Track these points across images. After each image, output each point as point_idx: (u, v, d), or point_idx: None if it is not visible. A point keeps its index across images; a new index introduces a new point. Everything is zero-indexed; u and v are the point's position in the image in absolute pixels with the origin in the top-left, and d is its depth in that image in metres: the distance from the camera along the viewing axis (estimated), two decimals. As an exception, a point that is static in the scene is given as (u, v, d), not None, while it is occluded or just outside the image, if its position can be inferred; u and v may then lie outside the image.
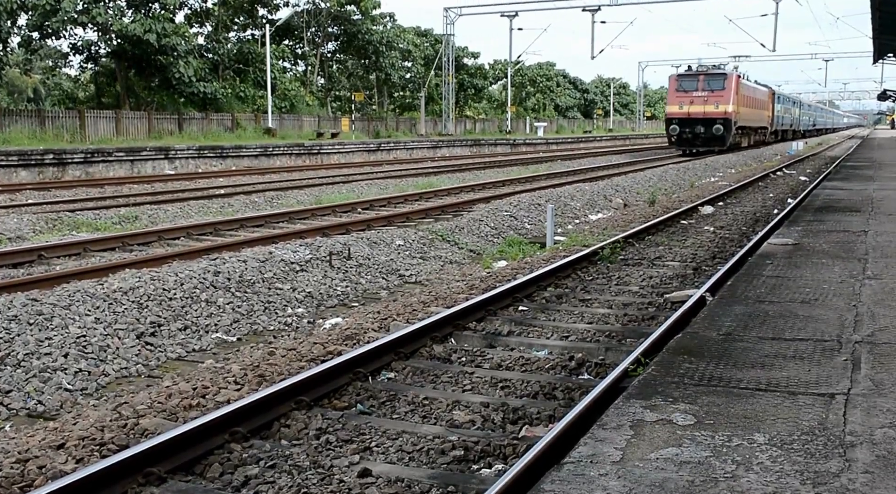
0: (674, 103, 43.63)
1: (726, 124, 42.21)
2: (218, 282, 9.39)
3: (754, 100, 49.38)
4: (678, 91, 43.31)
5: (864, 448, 3.76)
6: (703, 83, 42.53)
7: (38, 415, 6.19)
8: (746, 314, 6.38)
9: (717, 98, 42.25)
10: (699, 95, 42.47)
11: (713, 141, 42.60)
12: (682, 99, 42.88)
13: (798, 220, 12.44)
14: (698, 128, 42.50)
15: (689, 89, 42.81)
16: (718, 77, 42.68)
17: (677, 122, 43.08)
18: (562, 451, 4.21)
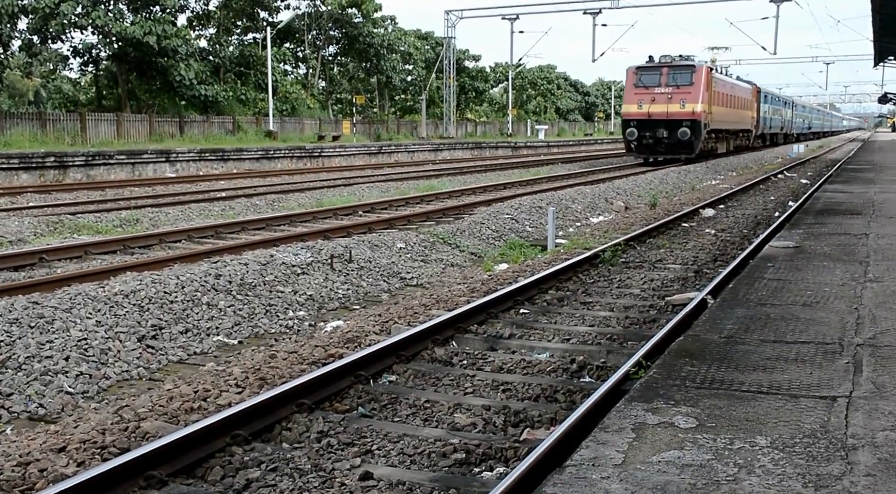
0: (631, 102, 36.77)
1: (694, 127, 35.24)
2: (219, 285, 9.39)
3: (733, 98, 42.56)
4: (637, 87, 36.40)
5: (866, 451, 3.76)
6: (667, 77, 35.75)
7: (39, 418, 6.19)
8: (748, 316, 6.37)
9: (683, 95, 35.35)
10: (662, 92, 35.68)
11: (679, 147, 35.75)
12: (641, 96, 36.07)
13: (799, 223, 12.43)
14: (660, 131, 35.62)
15: (649, 85, 35.98)
16: (685, 70, 35.81)
17: (635, 124, 36.28)
18: (563, 454, 4.20)
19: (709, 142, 38.18)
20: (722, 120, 39.90)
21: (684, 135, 35.09)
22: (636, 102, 36.10)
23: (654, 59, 36.96)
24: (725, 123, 41.14)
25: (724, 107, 40.10)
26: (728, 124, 42.05)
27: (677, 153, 35.98)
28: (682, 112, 35.29)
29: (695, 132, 35.26)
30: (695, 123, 35.26)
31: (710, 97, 36.66)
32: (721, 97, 39.35)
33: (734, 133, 45.00)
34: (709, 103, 36.32)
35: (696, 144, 35.59)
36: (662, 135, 35.68)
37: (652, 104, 35.64)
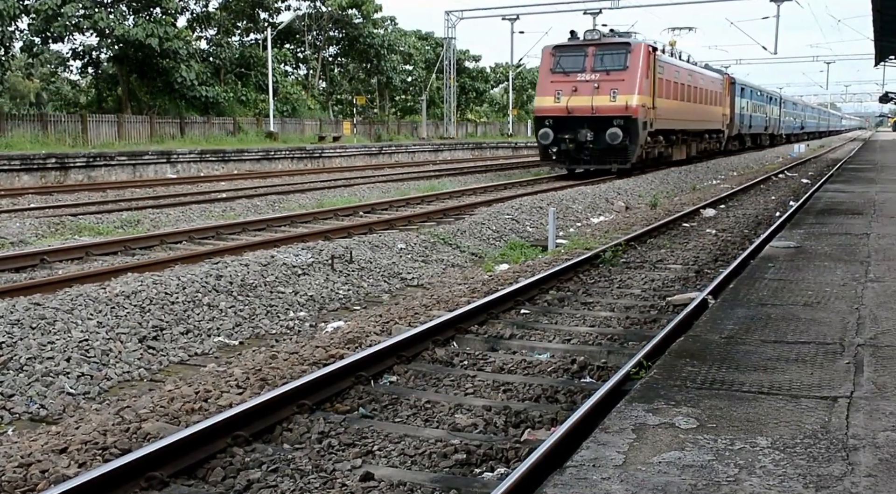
0: (547, 93, 27.29)
1: (629, 127, 26.25)
2: (220, 286, 9.40)
3: (692, 90, 33.79)
4: (555, 72, 27.19)
5: (867, 452, 3.76)
6: (594, 60, 26.84)
7: (40, 419, 6.19)
8: (749, 317, 6.37)
9: (614, 84, 26.43)
10: (587, 80, 26.69)
11: (608, 155, 26.81)
12: (559, 85, 27.00)
13: (800, 223, 12.43)
14: (583, 133, 26.58)
15: (571, 70, 26.90)
16: (617, 50, 26.90)
17: (551, 123, 27.06)
18: (564, 455, 4.21)
19: (655, 147, 29.36)
20: (675, 118, 31.05)
21: (614, 137, 25.98)
22: (553, 92, 27.04)
23: (577, 35, 27.99)
24: (681, 121, 32.27)
25: (679, 100, 31.49)
26: (686, 123, 33.19)
27: (606, 162, 27.03)
28: (613, 106, 26.25)
29: (630, 134, 26.29)
30: (629, 121, 26.21)
31: (654, 87, 27.84)
32: (673, 88, 30.59)
33: (697, 135, 36.24)
34: (651, 95, 27.51)
35: (633, 149, 26.59)
36: (586, 138, 26.58)
37: (573, 96, 26.57)
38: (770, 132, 58.96)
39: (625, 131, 26.19)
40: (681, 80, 32.00)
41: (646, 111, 27.09)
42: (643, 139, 27.21)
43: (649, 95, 27.43)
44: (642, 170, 28.93)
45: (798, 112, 78.27)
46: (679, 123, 32.01)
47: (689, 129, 34.13)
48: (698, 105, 35.22)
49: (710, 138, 39.20)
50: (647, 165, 29.64)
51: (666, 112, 29.63)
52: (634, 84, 26.37)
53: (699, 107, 35.49)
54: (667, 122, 29.93)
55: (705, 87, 36.53)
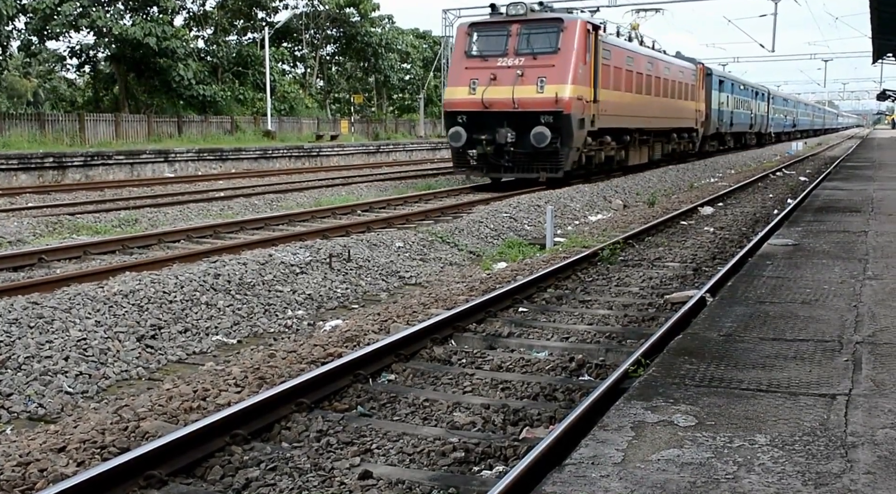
0: (460, 82, 22.15)
1: (559, 126, 21.00)
2: (218, 285, 9.39)
3: (653, 80, 28.41)
4: (471, 57, 22.16)
5: (866, 449, 3.76)
6: (518, 41, 21.67)
7: (38, 418, 6.18)
8: (747, 314, 6.37)
9: (542, 70, 21.20)
10: (508, 66, 21.55)
11: (535, 160, 21.62)
12: (475, 72, 21.83)
13: (798, 220, 12.44)
14: (503, 132, 21.36)
15: (490, 53, 21.85)
16: (547, 27, 21.71)
17: (464, 119, 21.93)
18: (563, 453, 4.21)
19: (601, 149, 24.07)
20: (629, 114, 25.88)
21: (540, 138, 20.75)
22: (467, 82, 21.80)
23: (499, 9, 22.58)
24: (638, 118, 26.93)
25: (635, 93, 26.45)
26: (645, 121, 27.72)
27: (532, 169, 21.85)
28: (539, 99, 21.00)
29: (561, 134, 21.05)
30: (560, 117, 20.89)
31: (597, 75, 22.77)
32: (626, 78, 25.56)
33: (662, 134, 30.90)
34: (592, 85, 22.45)
35: (566, 153, 21.30)
36: (506, 139, 21.30)
37: (491, 86, 21.38)
38: (756, 131, 53.94)
39: (555, 130, 20.83)
40: (637, 68, 26.70)
41: (583, 105, 21.69)
42: (581, 141, 21.91)
43: (588, 86, 22.12)
44: (586, 178, 23.81)
45: (789, 109, 72.71)
46: (635, 120, 26.61)
47: (649, 127, 28.51)
48: (663, 99, 29.82)
49: (681, 138, 33.78)
50: (592, 173, 24.36)
51: (614, 107, 24.28)
52: (567, 71, 21.04)
53: (664, 101, 30.01)
54: (616, 119, 24.56)
55: (672, 78, 31.18)
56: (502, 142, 21.46)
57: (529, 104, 21.12)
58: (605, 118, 23.58)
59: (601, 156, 24.41)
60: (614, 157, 25.81)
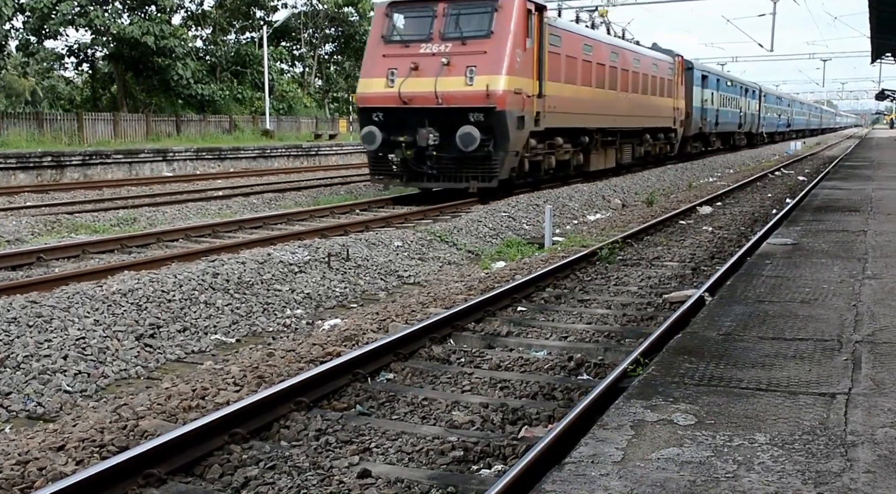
0: (375, 73, 18.74)
1: (492, 125, 17.57)
2: (217, 284, 9.38)
3: (618, 73, 24.87)
4: (390, 43, 18.78)
5: (866, 448, 3.76)
6: (445, 23, 18.23)
7: (37, 417, 6.18)
8: (746, 313, 6.37)
9: (472, 58, 17.80)
10: (433, 53, 18.05)
11: (464, 166, 18.05)
12: (394, 61, 18.43)
13: (797, 220, 12.44)
14: (424, 133, 17.93)
15: (411, 38, 18.54)
16: (478, 7, 18.22)
17: (380, 118, 18.49)
18: (562, 451, 4.21)
19: (549, 154, 20.58)
20: (586, 112, 22.32)
21: (468, 141, 17.18)
22: (384, 72, 18.32)
23: None
24: (599, 117, 23.36)
25: (594, 87, 22.96)
26: (609, 120, 24.22)
27: (460, 177, 18.17)
28: (468, 93, 17.52)
29: (495, 135, 17.50)
30: (493, 115, 17.35)
31: (543, 65, 19.10)
32: (582, 69, 22.00)
33: (633, 135, 27.52)
34: (536, 76, 18.89)
35: (501, 158, 17.73)
36: (428, 141, 17.76)
37: (411, 78, 17.90)
38: (746, 130, 50.55)
39: (486, 131, 17.32)
40: (598, 58, 23.17)
41: (522, 101, 18.13)
42: (520, 143, 18.31)
43: (530, 77, 18.61)
44: (535, 186, 20.68)
45: (783, 107, 68.88)
46: (595, 119, 23.01)
47: (615, 127, 25.07)
48: (632, 95, 26.38)
49: (656, 140, 30.32)
50: (542, 181, 21.19)
51: (567, 103, 20.82)
52: (501, 59, 17.43)
53: (634, 98, 26.56)
54: (569, 117, 21.08)
55: (644, 71, 27.68)
56: (423, 145, 17.89)
57: (456, 99, 17.65)
58: (555, 116, 20.12)
59: (551, 161, 20.83)
60: (570, 161, 22.31)
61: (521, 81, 18.14)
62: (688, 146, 36.27)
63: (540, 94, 19.10)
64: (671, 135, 32.16)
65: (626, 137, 26.82)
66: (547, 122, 19.69)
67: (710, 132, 40.04)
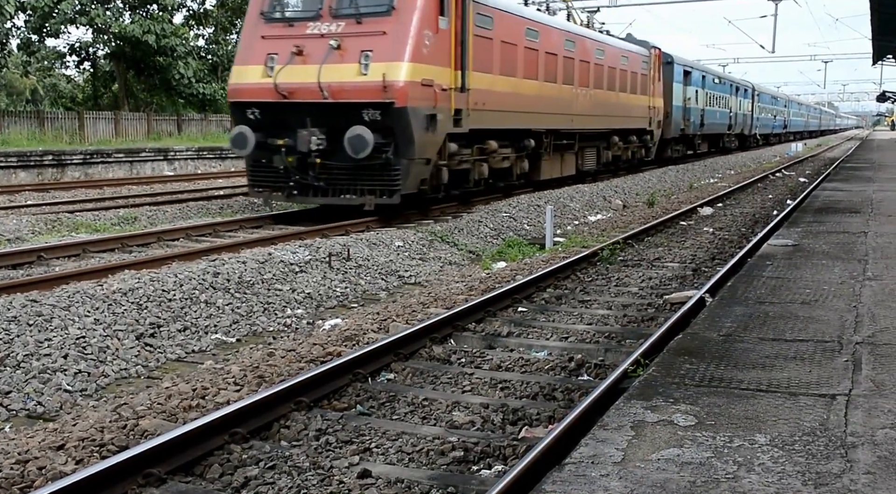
0: (252, 59, 15.19)
1: (391, 125, 14.02)
2: (217, 283, 9.38)
3: (574, 65, 21.27)
4: (271, 21, 15.25)
5: (866, 449, 3.76)
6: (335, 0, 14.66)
7: (37, 416, 6.18)
8: (747, 314, 6.37)
9: (368, 40, 14.28)
10: (322, 33, 14.54)
11: (360, 178, 14.52)
12: (275, 44, 14.93)
13: (798, 221, 12.44)
14: (305, 136, 14.28)
15: (296, 14, 15.20)
16: None
17: (256, 115, 14.98)
18: (562, 452, 4.20)
19: (479, 161, 17.02)
20: (532, 109, 18.74)
21: (359, 146, 13.79)
22: (263, 57, 14.98)
23: None
24: (552, 116, 19.97)
25: (543, 81, 19.35)
26: (564, 120, 20.83)
27: (356, 191, 14.64)
28: (362, 85, 14.15)
29: (396, 138, 14.17)
30: (392, 113, 14.02)
31: (465, 51, 15.50)
32: (525, 58, 18.32)
33: (598, 137, 24.22)
34: (455, 65, 15.37)
35: (405, 168, 14.34)
36: (310, 145, 14.31)
37: (292, 65, 14.57)
38: (737, 132, 47.02)
39: (384, 133, 13.94)
40: (546, 46, 19.41)
41: (435, 95, 14.51)
42: (433, 148, 14.76)
43: (447, 66, 15.06)
44: (461, 201, 17.36)
45: (779, 108, 65.38)
46: (544, 118, 19.44)
47: (572, 129, 21.58)
48: (595, 91, 22.81)
49: (627, 143, 26.80)
50: (471, 193, 17.63)
51: (502, 99, 17.10)
52: (404, 41, 13.97)
53: (597, 95, 22.99)
54: (506, 117, 17.39)
55: (610, 64, 24.13)
56: (305, 150, 14.23)
57: (346, 92, 14.05)
58: (485, 115, 16.37)
59: (482, 169, 17.13)
60: (512, 169, 18.73)
61: (431, 69, 14.53)
62: (668, 150, 33.03)
63: (462, 87, 15.47)
64: (646, 137, 28.74)
65: (588, 140, 23.50)
66: (473, 122, 15.97)
67: (695, 134, 36.67)
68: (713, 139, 41.99)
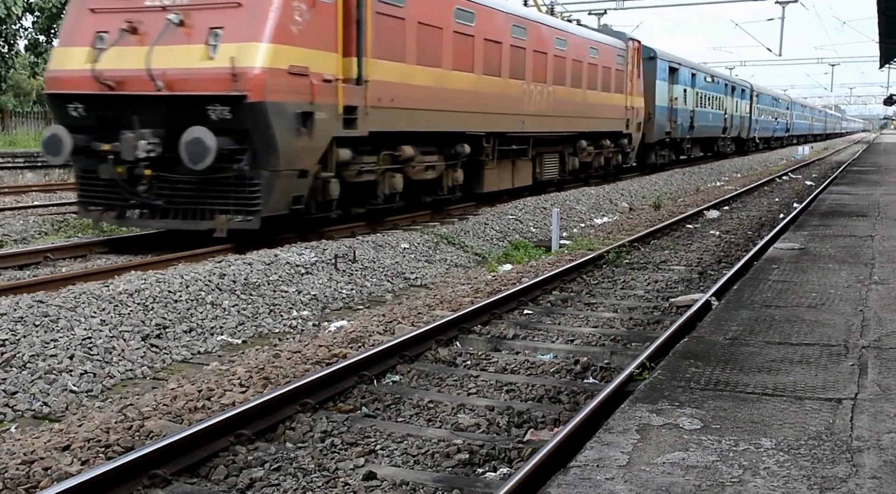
0: (76, 40, 11.70)
1: (245, 126, 10.78)
2: (223, 284, 9.39)
3: (526, 56, 18.25)
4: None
5: (872, 454, 3.75)
6: None
7: (43, 417, 6.19)
8: (753, 318, 6.36)
9: (218, 15, 10.95)
10: (161, 6, 11.15)
11: (210, 195, 11.16)
12: (104, 21, 11.52)
13: (804, 224, 12.42)
14: (130, 140, 10.87)
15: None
16: None
17: (80, 111, 11.53)
18: (567, 455, 4.20)
19: (389, 173, 14.07)
20: (470, 108, 15.84)
21: (196, 153, 10.58)
22: (90, 37, 11.69)
23: None
24: (500, 117, 17.04)
25: (484, 75, 16.39)
26: (515, 122, 17.86)
27: (204, 213, 11.45)
28: (207, 72, 10.85)
29: (253, 143, 10.98)
30: (246, 110, 10.76)
31: (361, 31, 12.47)
32: (457, 45, 15.29)
33: (561, 142, 21.15)
34: (342, 49, 12.25)
35: (266, 181, 11.13)
36: (137, 152, 10.98)
37: (123, 45, 11.34)
38: (734, 136, 43.79)
39: (238, 136, 11.04)
40: (485, 32, 16.07)
41: (312, 87, 11.47)
42: (308, 156, 11.73)
43: (333, 50, 11.99)
44: (372, 222, 14.23)
45: (781, 110, 61.88)
46: (483, 119, 16.25)
47: (523, 132, 18.35)
48: (554, 88, 19.71)
49: (599, 147, 23.58)
50: (384, 213, 14.51)
51: (420, 95, 13.99)
52: (265, 15, 11.00)
53: (557, 92, 19.86)
54: (425, 116, 14.25)
55: (575, 56, 20.96)
56: (130, 158, 11.06)
57: (186, 82, 10.96)
58: (394, 115, 13.26)
59: (394, 182, 13.91)
60: (441, 180, 15.61)
61: (305, 54, 11.31)
62: (652, 155, 29.91)
63: (359, 79, 12.40)
64: (623, 141, 25.53)
65: (547, 144, 20.39)
66: (375, 123, 12.76)
67: (683, 138, 33.25)
68: (706, 143, 39.02)
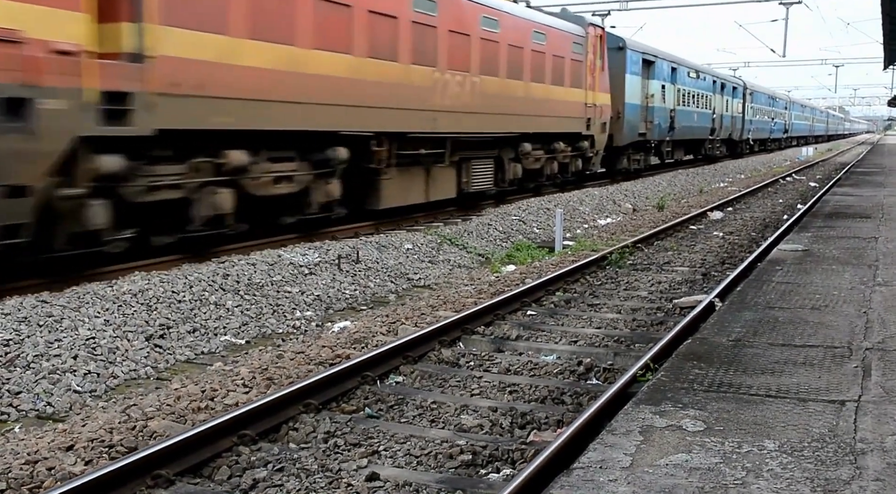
0: None
1: None
2: (227, 285, 9.40)
3: (437, 37, 14.50)
4: None
5: (875, 456, 3.75)
6: None
7: (47, 417, 6.20)
8: (756, 320, 6.36)
9: None
10: None
11: None
12: None
13: (808, 226, 12.41)
14: None
15: None
16: None
17: None
18: (570, 456, 4.20)
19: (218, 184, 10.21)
20: (347, 101, 12.25)
21: None
22: None
23: None
24: (397, 113, 13.66)
25: (368, 58, 12.70)
26: (425, 120, 14.56)
27: None
28: None
29: None
30: None
31: None
32: (319, 13, 11.43)
33: (497, 144, 17.72)
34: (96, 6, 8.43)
35: None
36: None
37: None
38: (724, 137, 39.56)
39: None
40: (370, 3, 12.64)
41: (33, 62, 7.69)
42: (31, 168, 7.93)
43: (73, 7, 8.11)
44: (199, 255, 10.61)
45: (778, 110, 57.43)
46: (367, 114, 12.89)
47: (435, 133, 15.08)
48: (483, 78, 16.42)
49: (551, 152, 20.10)
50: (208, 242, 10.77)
51: (254, 81, 10.45)
52: None
53: (488, 83, 16.62)
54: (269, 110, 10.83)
55: (513, 41, 17.57)
56: None
57: None
58: (206, 106, 9.86)
59: (218, 201, 10.36)
60: (308, 195, 12.37)
61: (13, 7, 7.67)
62: (623, 160, 26.12)
63: (139, 54, 8.95)
64: (583, 144, 21.81)
65: (476, 148, 16.90)
66: (167, 117, 9.32)
67: (662, 140, 29.12)
68: (691, 146, 34.99)
